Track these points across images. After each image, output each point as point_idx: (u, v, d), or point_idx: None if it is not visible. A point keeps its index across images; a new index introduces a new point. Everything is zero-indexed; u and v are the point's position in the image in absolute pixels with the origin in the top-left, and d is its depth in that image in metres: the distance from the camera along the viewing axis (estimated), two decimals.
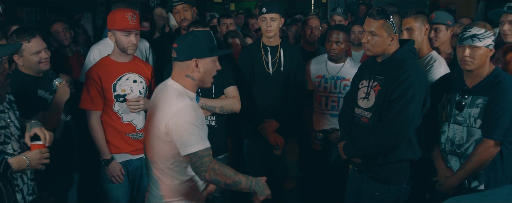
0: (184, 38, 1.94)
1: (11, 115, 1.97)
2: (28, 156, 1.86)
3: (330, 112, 3.22)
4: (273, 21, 2.90)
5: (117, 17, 2.59)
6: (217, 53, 1.96)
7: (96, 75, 2.64)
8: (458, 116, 2.37)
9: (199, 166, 1.80)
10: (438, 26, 3.10)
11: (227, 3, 11.25)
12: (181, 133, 1.80)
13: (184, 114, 1.81)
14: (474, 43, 2.27)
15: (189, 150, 1.80)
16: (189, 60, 1.90)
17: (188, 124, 1.80)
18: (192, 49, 1.89)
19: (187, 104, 1.84)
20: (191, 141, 1.79)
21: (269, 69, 3.02)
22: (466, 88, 2.36)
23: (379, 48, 2.32)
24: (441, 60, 2.73)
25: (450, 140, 2.43)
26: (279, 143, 3.02)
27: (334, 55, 3.14)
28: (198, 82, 1.97)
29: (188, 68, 1.91)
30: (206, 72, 1.94)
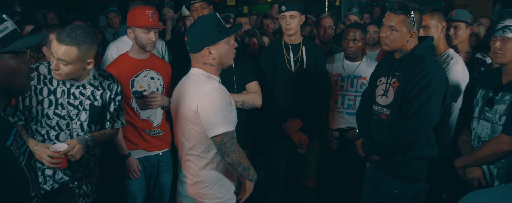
0: (191, 29, 1.95)
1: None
2: (35, 146, 1.97)
3: (347, 110, 3.21)
4: (293, 19, 2.89)
5: (138, 15, 2.61)
6: (226, 35, 1.94)
7: (115, 72, 2.65)
8: (488, 112, 2.34)
9: (229, 146, 1.83)
10: (458, 23, 3.08)
11: (241, 6, 11.27)
12: (210, 113, 1.83)
13: (213, 95, 1.83)
14: (505, 34, 2.24)
15: (218, 130, 1.82)
16: (201, 50, 1.92)
17: (217, 105, 1.82)
18: (201, 38, 1.90)
19: (215, 85, 1.87)
20: (219, 122, 1.82)
21: (292, 67, 3.01)
22: (499, 84, 2.31)
23: (397, 43, 2.30)
24: (457, 58, 2.70)
25: (477, 136, 2.41)
26: (303, 141, 3.01)
27: (351, 53, 3.13)
28: (218, 66, 1.98)
29: (203, 57, 1.94)
30: (221, 56, 1.95)
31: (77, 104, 2.20)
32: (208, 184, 1.99)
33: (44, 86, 2.15)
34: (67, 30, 1.99)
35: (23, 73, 1.36)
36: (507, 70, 2.31)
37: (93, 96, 2.25)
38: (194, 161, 1.98)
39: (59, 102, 2.16)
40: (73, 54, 1.99)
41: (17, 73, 1.33)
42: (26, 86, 1.40)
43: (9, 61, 1.30)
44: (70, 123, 2.19)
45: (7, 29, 1.29)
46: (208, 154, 1.96)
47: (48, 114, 2.15)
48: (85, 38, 2.00)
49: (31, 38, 1.42)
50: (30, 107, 2.13)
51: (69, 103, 2.18)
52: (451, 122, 2.76)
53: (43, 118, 2.15)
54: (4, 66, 1.30)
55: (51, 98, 2.16)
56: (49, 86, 2.16)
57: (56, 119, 2.16)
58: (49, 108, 2.15)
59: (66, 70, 2.04)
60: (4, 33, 1.28)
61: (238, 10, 10.85)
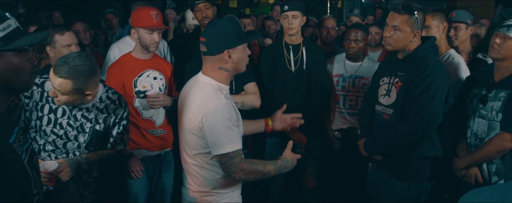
0: (211, 30, 1.85)
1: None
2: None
3: (348, 111, 3.21)
4: (295, 19, 2.91)
5: (142, 15, 2.63)
6: (246, 40, 1.90)
7: (118, 72, 2.68)
8: (482, 110, 2.36)
9: (229, 166, 1.79)
10: (458, 24, 3.08)
11: (243, 8, 11.32)
12: (214, 132, 1.77)
13: (218, 113, 1.77)
14: (508, 33, 2.25)
15: (220, 150, 1.78)
16: (221, 52, 1.83)
17: (222, 124, 1.77)
18: (222, 40, 1.82)
19: (222, 102, 1.79)
20: (222, 142, 1.77)
21: (292, 67, 3.02)
22: (492, 82, 2.34)
23: (400, 43, 2.30)
24: (459, 58, 2.71)
25: (474, 133, 2.42)
26: (301, 141, 3.01)
27: (353, 53, 3.14)
28: (233, 72, 1.91)
29: (221, 60, 1.85)
30: (239, 61, 1.88)
31: (77, 125, 2.12)
32: (212, 193, 1.96)
33: (45, 104, 2.08)
34: (65, 60, 1.87)
35: (26, 71, 1.37)
36: (499, 68, 2.34)
37: (96, 120, 2.16)
38: (197, 171, 1.94)
39: (58, 121, 2.09)
40: (68, 87, 1.89)
41: (20, 71, 1.34)
42: (29, 84, 1.41)
43: (12, 59, 1.31)
44: (68, 143, 2.12)
45: (10, 27, 1.30)
46: (211, 165, 1.91)
47: (45, 130, 2.08)
48: (82, 72, 1.87)
49: (34, 36, 1.44)
50: (30, 119, 2.07)
51: (68, 124, 2.10)
52: None
53: (41, 132, 2.09)
54: (7, 64, 1.30)
55: (51, 117, 2.08)
56: (51, 105, 2.08)
57: (53, 136, 2.10)
58: (47, 125, 2.08)
59: (63, 99, 1.95)
60: (7, 31, 1.29)
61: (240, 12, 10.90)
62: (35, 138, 2.10)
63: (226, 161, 1.78)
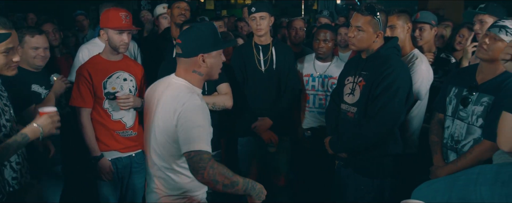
0: (188, 33, 1.88)
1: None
2: (38, 122, 1.86)
3: (318, 109, 3.28)
4: (263, 20, 2.95)
5: (111, 16, 2.63)
6: (223, 46, 1.93)
7: (87, 73, 2.67)
8: (462, 111, 2.29)
9: (197, 161, 1.74)
10: (422, 25, 3.18)
11: (219, 10, 11.36)
12: (188, 129, 1.76)
13: (195, 112, 1.78)
14: (499, 34, 2.14)
15: (192, 147, 1.74)
16: (196, 56, 1.86)
17: (197, 123, 1.77)
18: (197, 44, 1.85)
19: (199, 103, 1.81)
20: (195, 140, 1.75)
21: (262, 67, 3.07)
22: (474, 84, 2.26)
23: (363, 43, 2.37)
24: (422, 58, 2.79)
25: (451, 135, 2.36)
26: (273, 140, 3.06)
27: (322, 53, 3.21)
28: (206, 77, 1.93)
29: (195, 64, 1.87)
30: (213, 66, 1.90)
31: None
32: (183, 196, 1.94)
33: None
34: None
35: None
36: (483, 69, 2.25)
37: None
38: (169, 174, 1.91)
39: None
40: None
41: None
42: None
43: None
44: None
45: None
46: (184, 169, 1.89)
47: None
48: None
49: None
50: None
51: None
52: (416, 120, 2.84)
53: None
54: None
55: None
56: None
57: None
58: None
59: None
60: None
61: (217, 13, 10.94)
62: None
63: (194, 156, 1.74)
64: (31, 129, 1.84)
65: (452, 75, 2.54)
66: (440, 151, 2.42)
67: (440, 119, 2.46)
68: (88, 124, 2.69)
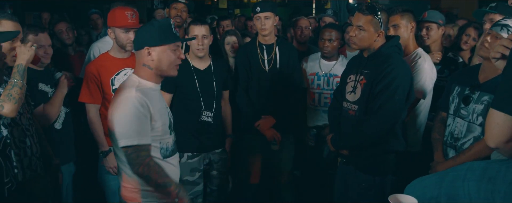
0: (141, 28, 1.96)
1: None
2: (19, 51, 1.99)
3: (323, 108, 3.30)
4: (267, 20, 2.99)
5: (117, 15, 2.71)
6: (171, 41, 1.90)
7: (96, 70, 2.75)
8: (463, 110, 2.30)
9: (134, 158, 1.78)
10: (429, 24, 3.19)
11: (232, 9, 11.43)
12: (120, 124, 1.79)
13: (125, 106, 1.79)
14: (501, 32, 2.16)
15: (125, 142, 1.77)
16: (142, 49, 1.90)
17: (129, 116, 1.77)
18: (144, 38, 1.89)
19: (129, 95, 1.80)
20: (129, 134, 1.77)
21: (265, 67, 3.11)
22: (476, 83, 2.27)
23: (365, 42, 2.39)
24: (426, 57, 2.80)
25: (451, 132, 2.38)
26: (276, 138, 3.10)
27: (327, 52, 3.23)
28: (157, 71, 1.92)
29: (143, 57, 1.90)
30: (161, 60, 1.89)
31: None
32: (135, 190, 1.93)
33: None
34: None
35: None
36: (486, 68, 2.24)
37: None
38: (121, 166, 1.95)
39: None
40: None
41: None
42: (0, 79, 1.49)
43: None
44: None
45: None
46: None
47: None
48: None
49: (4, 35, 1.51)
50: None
51: None
52: (419, 119, 2.86)
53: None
54: None
55: None
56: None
57: None
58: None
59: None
60: None
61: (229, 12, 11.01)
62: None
63: (131, 153, 1.77)
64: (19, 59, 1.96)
65: (455, 74, 2.56)
66: (441, 147, 2.44)
67: (443, 118, 2.48)
68: (96, 120, 2.76)
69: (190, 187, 2.90)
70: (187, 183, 2.90)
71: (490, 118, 1.25)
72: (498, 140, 1.24)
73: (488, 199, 1.27)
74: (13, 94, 1.89)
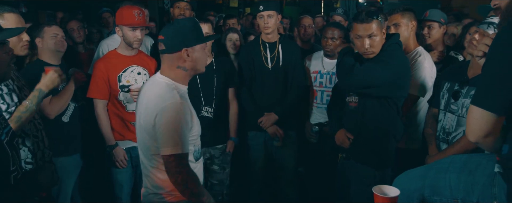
0: (170, 28, 1.89)
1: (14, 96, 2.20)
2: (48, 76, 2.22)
3: (325, 106, 3.34)
4: (270, 18, 3.06)
5: (125, 14, 2.80)
6: (204, 40, 1.92)
7: (103, 67, 2.85)
8: (453, 105, 2.39)
9: (175, 166, 1.76)
10: (431, 23, 3.22)
11: (242, 8, 11.51)
12: (166, 131, 1.76)
13: (173, 112, 1.76)
14: (487, 30, 2.28)
15: (170, 151, 1.75)
16: (179, 51, 1.86)
17: (175, 123, 1.75)
18: (180, 39, 1.85)
19: (177, 102, 1.78)
20: (174, 141, 1.75)
21: (268, 64, 3.18)
22: (465, 78, 2.36)
23: (379, 46, 2.47)
24: (425, 55, 2.84)
25: (442, 127, 2.46)
26: (278, 134, 3.17)
27: (329, 51, 3.29)
28: (191, 72, 1.92)
29: (179, 59, 1.87)
30: (197, 60, 1.89)
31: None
32: (167, 195, 1.92)
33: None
34: None
35: (4, 62, 1.54)
36: (474, 64, 2.32)
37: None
38: (153, 172, 1.92)
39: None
40: None
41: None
42: (6, 74, 1.58)
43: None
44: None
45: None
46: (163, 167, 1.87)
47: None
48: None
49: (12, 31, 1.61)
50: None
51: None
52: (419, 116, 2.90)
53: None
54: None
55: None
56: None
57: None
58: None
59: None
60: None
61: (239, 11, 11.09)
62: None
63: (174, 160, 1.75)
64: (43, 83, 2.16)
65: (446, 71, 2.62)
66: (435, 142, 2.51)
67: (435, 113, 2.54)
68: (103, 115, 2.86)
69: None
70: None
71: (470, 113, 1.30)
72: (477, 135, 1.29)
73: (467, 191, 1.33)
74: (22, 118, 2.02)
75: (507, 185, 1.24)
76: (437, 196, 1.40)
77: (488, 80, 1.28)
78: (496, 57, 1.24)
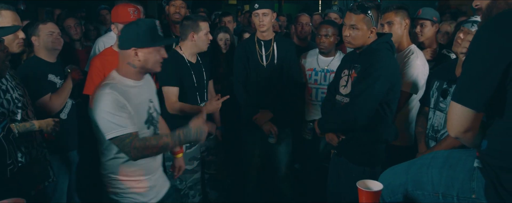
0: (128, 27, 1.99)
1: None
2: (47, 121, 2.16)
3: (320, 103, 3.38)
4: (265, 16, 3.09)
5: (120, 11, 2.84)
6: (157, 43, 1.98)
7: (100, 64, 2.88)
8: (442, 103, 2.43)
9: (122, 148, 1.91)
10: (424, 21, 3.25)
11: (241, 5, 11.55)
12: (100, 119, 1.90)
13: (100, 102, 1.89)
14: (471, 28, 2.32)
15: (109, 135, 1.89)
16: (129, 49, 1.95)
17: (105, 111, 1.88)
18: (131, 38, 1.94)
19: (104, 92, 1.90)
20: (110, 127, 1.88)
21: (263, 62, 3.21)
22: (453, 77, 2.40)
23: (359, 40, 2.47)
24: (418, 53, 2.87)
25: (431, 125, 2.51)
26: (273, 131, 3.21)
27: (324, 48, 3.32)
28: (141, 70, 2.01)
29: (129, 56, 1.97)
30: (146, 61, 1.97)
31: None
32: (111, 177, 2.06)
33: None
34: None
35: (0, 59, 1.58)
36: (461, 63, 2.37)
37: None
38: (101, 155, 2.08)
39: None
40: None
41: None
42: (2, 71, 1.62)
43: None
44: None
45: None
46: (110, 151, 2.02)
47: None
48: None
49: (7, 29, 1.65)
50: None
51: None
52: (412, 113, 2.93)
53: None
54: None
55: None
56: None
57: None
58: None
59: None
60: None
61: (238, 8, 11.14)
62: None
63: (119, 144, 1.90)
64: (40, 122, 2.15)
65: (436, 70, 2.65)
66: (424, 140, 2.54)
67: (425, 112, 2.57)
68: None
69: (189, 175, 3.05)
70: (187, 172, 3.03)
71: (450, 109, 1.34)
72: (457, 130, 1.33)
73: (448, 185, 1.37)
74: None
75: (485, 180, 1.27)
76: (420, 190, 1.44)
77: (467, 77, 1.31)
78: (474, 55, 1.28)
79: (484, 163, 1.29)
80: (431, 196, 1.40)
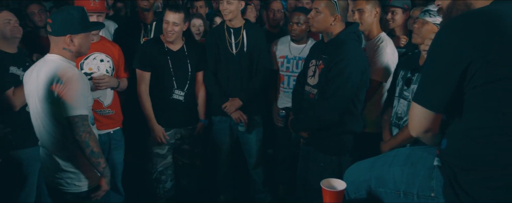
0: (58, 14, 2.11)
1: None
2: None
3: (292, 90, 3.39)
4: (230, 5, 3.03)
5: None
6: (89, 29, 2.20)
7: None
8: (406, 91, 2.47)
9: (80, 126, 2.03)
10: (395, 9, 3.27)
11: None
12: (73, 96, 2.01)
13: (79, 81, 2.05)
14: (425, 17, 2.38)
15: (76, 112, 2.02)
16: (64, 36, 2.08)
17: (81, 90, 2.05)
18: (66, 25, 2.08)
19: (77, 72, 2.09)
20: (80, 105, 2.04)
21: (233, 50, 3.17)
22: (417, 66, 2.44)
23: (321, 25, 2.49)
24: (388, 41, 2.89)
25: (395, 113, 2.55)
26: (242, 120, 3.20)
27: (295, 35, 3.30)
28: (76, 53, 2.17)
29: (64, 42, 2.10)
30: (81, 45, 2.15)
31: None
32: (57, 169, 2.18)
33: None
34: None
35: None
36: (424, 52, 2.38)
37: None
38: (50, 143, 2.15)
39: None
40: None
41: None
42: None
43: None
44: None
45: None
46: (62, 137, 2.12)
47: None
48: None
49: None
50: None
51: None
52: (382, 101, 2.96)
53: None
54: None
55: None
56: None
57: None
58: None
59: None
60: None
61: None
62: None
63: (78, 121, 2.03)
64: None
65: (402, 60, 2.69)
66: (388, 127, 2.60)
67: (392, 100, 2.60)
68: None
69: (160, 159, 3.14)
70: (157, 156, 3.14)
71: (411, 109, 1.35)
72: (417, 130, 1.35)
73: (409, 182, 1.39)
74: None
75: (444, 179, 1.30)
76: (382, 187, 1.46)
77: (427, 79, 1.32)
78: (434, 56, 1.28)
79: (444, 161, 1.31)
80: (393, 194, 1.42)
